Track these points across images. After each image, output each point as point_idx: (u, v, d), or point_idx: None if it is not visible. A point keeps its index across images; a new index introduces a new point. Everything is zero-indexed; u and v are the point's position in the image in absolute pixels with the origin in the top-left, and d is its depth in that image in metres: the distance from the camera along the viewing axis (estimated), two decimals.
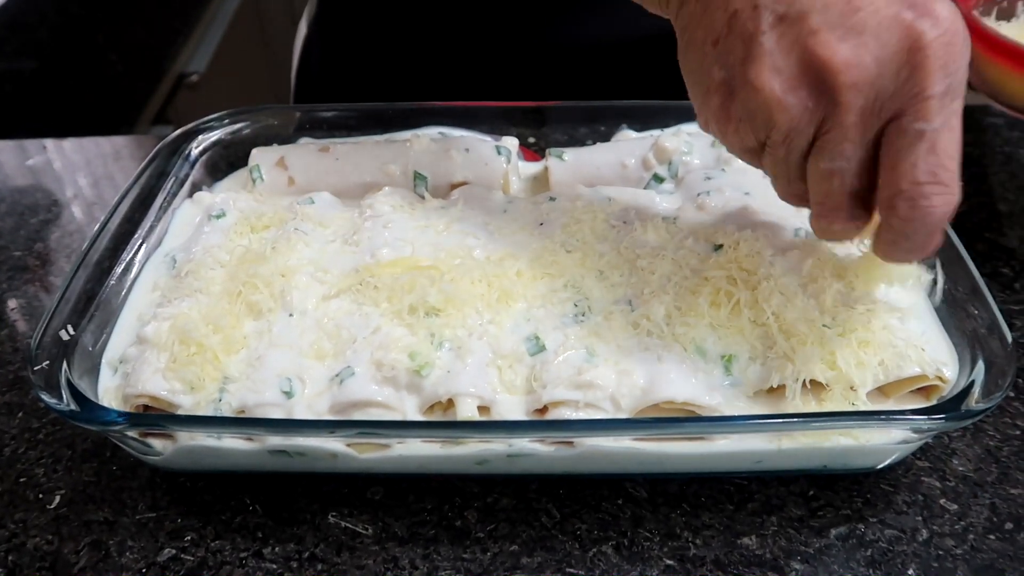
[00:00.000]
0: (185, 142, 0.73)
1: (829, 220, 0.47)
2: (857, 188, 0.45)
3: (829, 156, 0.44)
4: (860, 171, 0.44)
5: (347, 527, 0.54)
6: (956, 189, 0.43)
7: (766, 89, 0.43)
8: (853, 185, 0.45)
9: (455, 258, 0.60)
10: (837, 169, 0.44)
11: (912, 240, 0.45)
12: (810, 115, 0.44)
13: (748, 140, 0.47)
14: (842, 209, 0.46)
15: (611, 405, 0.52)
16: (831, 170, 0.45)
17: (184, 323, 0.55)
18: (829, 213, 0.47)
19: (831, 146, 0.44)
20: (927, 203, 0.42)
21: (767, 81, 0.43)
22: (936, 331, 0.56)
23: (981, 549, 0.53)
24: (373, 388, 0.52)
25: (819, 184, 0.46)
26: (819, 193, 0.46)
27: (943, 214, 0.43)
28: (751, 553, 0.53)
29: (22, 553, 0.53)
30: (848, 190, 0.45)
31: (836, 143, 0.44)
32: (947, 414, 0.48)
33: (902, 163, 0.42)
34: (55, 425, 0.61)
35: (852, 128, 0.43)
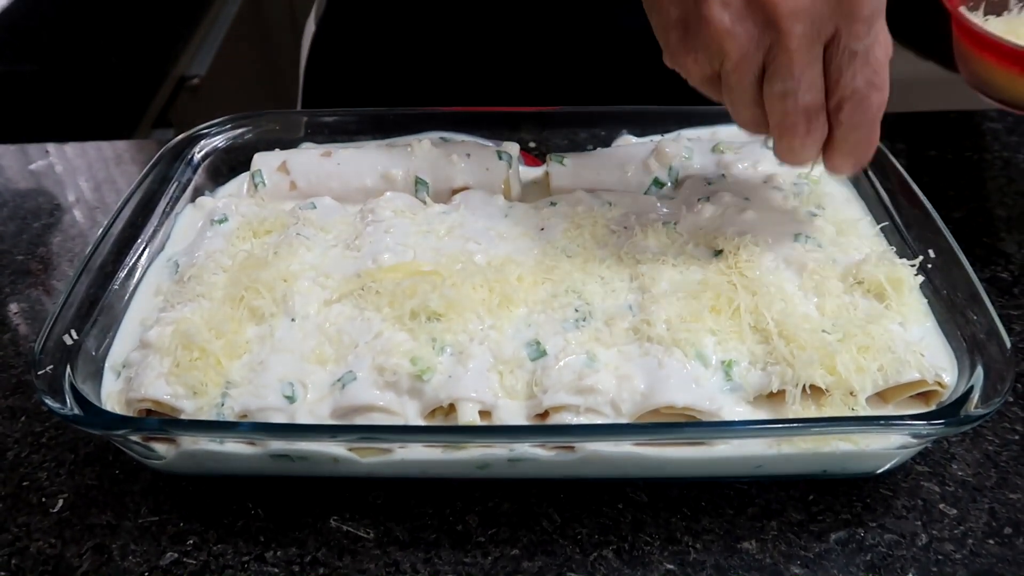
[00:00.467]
0: (187, 147, 0.74)
1: (790, 137, 0.53)
2: (809, 103, 0.51)
3: (780, 79, 0.51)
4: (809, 88, 0.51)
5: (349, 531, 0.55)
6: (887, 88, 0.52)
7: (716, 21, 0.50)
8: (805, 102, 0.51)
9: (456, 263, 0.60)
10: (789, 89, 0.51)
11: (857, 135, 0.53)
12: (757, 43, 0.50)
13: (705, 69, 0.53)
14: (799, 124, 0.52)
15: (612, 410, 0.53)
16: (784, 91, 0.51)
17: (187, 328, 0.55)
18: (788, 130, 0.53)
19: (781, 70, 0.50)
20: (867, 102, 0.51)
21: (717, 15, 0.49)
22: (935, 336, 0.57)
23: (980, 554, 0.53)
24: (375, 393, 0.53)
25: (776, 105, 0.52)
26: (777, 113, 0.52)
27: (879, 108, 0.52)
28: (751, 558, 0.53)
29: (25, 557, 0.54)
30: (801, 106, 0.51)
31: (784, 66, 0.50)
32: (946, 419, 0.48)
33: (844, 76, 0.51)
34: (58, 429, 0.62)
35: (796, 52, 0.50)
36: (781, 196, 0.67)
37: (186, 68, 1.91)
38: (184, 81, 1.88)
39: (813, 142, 0.54)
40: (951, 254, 0.60)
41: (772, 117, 0.53)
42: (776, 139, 0.54)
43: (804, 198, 0.67)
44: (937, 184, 0.84)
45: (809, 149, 0.54)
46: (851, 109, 0.52)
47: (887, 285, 0.57)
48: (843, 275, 0.59)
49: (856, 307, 0.57)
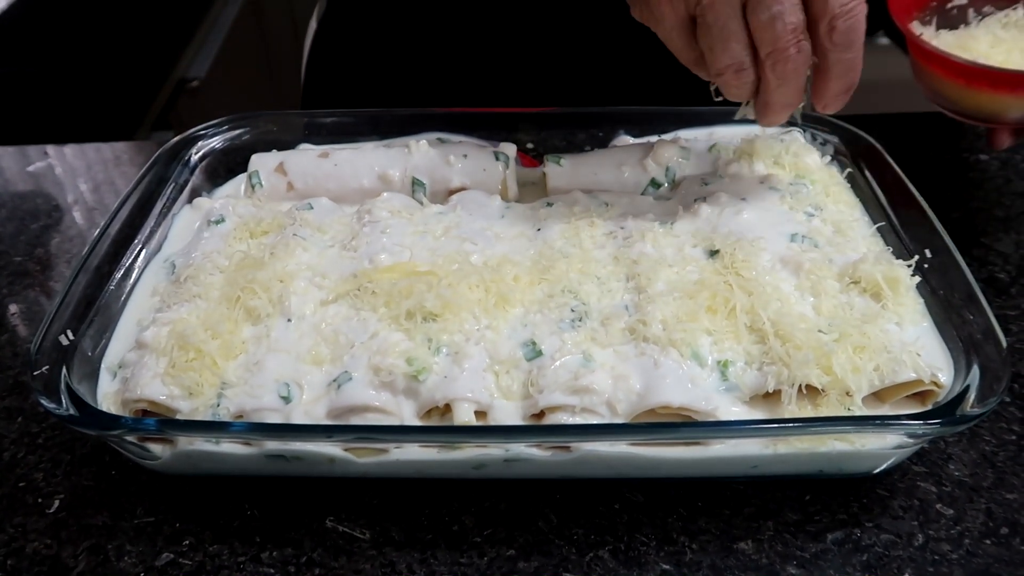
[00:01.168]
0: (185, 148, 0.74)
1: (783, 63, 0.54)
2: (797, 24, 0.53)
3: (765, 5, 0.52)
4: (794, 8, 0.52)
5: (344, 532, 0.55)
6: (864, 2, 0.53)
7: None
8: (792, 23, 0.53)
9: (453, 263, 0.60)
10: (776, 13, 0.52)
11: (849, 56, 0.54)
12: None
13: (680, 10, 0.54)
14: (790, 47, 0.53)
15: (607, 410, 0.52)
16: (771, 16, 0.52)
17: (183, 328, 0.55)
18: (781, 55, 0.54)
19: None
20: (856, 12, 0.53)
21: None
22: (932, 336, 0.57)
23: (977, 554, 0.53)
24: (371, 393, 0.53)
25: (765, 32, 0.53)
26: (768, 41, 0.53)
27: (864, 16, 0.53)
28: (747, 558, 0.53)
29: (21, 557, 0.54)
30: (790, 28, 0.53)
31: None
32: (943, 419, 0.48)
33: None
34: (55, 430, 0.62)
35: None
36: (778, 197, 0.67)
37: (186, 70, 1.91)
38: (184, 83, 1.88)
39: (804, 65, 0.54)
40: (948, 254, 0.60)
41: (764, 45, 0.53)
42: (769, 70, 0.54)
43: (801, 199, 0.67)
44: (934, 185, 0.84)
45: (801, 75, 0.55)
46: (844, 26, 0.52)
47: (884, 284, 0.57)
48: (840, 275, 0.59)
49: (852, 307, 0.57)
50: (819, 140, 0.74)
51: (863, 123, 0.74)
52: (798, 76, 0.55)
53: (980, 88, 0.69)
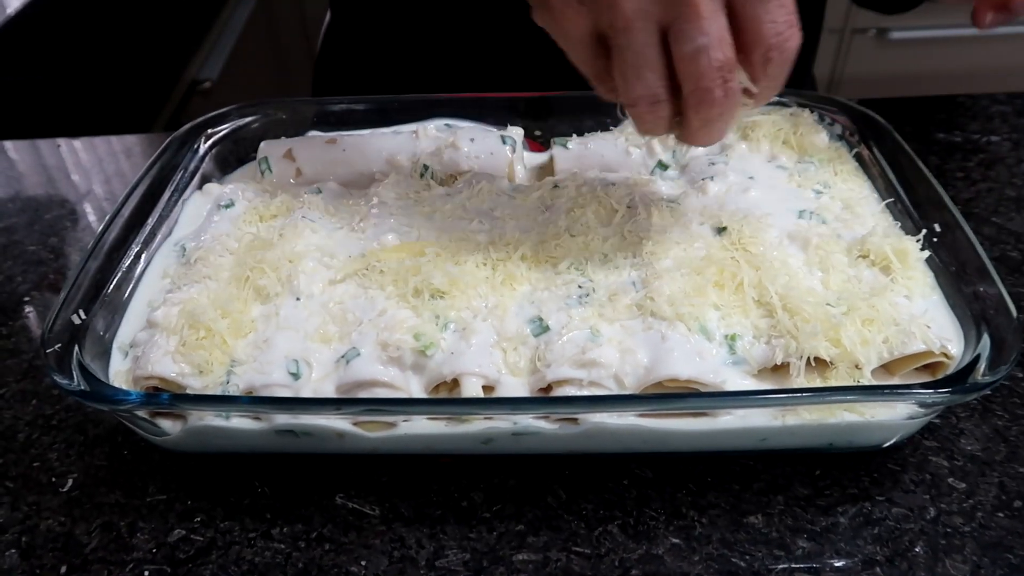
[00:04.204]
0: (195, 136, 0.74)
1: (708, 105, 0.47)
2: (722, 61, 0.46)
3: (689, 37, 0.45)
4: (720, 43, 0.46)
5: (354, 508, 0.55)
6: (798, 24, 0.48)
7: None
8: (718, 60, 0.46)
9: (460, 242, 0.60)
10: (701, 47, 0.45)
11: (781, 77, 0.49)
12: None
13: (586, 24, 0.47)
14: (716, 86, 0.47)
15: (615, 384, 0.52)
16: (695, 49, 0.45)
17: (193, 308, 0.56)
18: (706, 96, 0.47)
19: (688, 26, 0.45)
20: (791, 45, 0.47)
21: None
22: (941, 309, 0.56)
23: (989, 527, 0.52)
24: (379, 368, 0.53)
25: (688, 67, 0.46)
26: (691, 77, 0.47)
27: (797, 46, 0.48)
28: (757, 532, 0.53)
29: (35, 535, 0.54)
30: (716, 65, 0.46)
31: (691, 21, 0.45)
32: (953, 387, 0.48)
33: (763, 23, 0.46)
34: (68, 411, 0.62)
35: (700, 3, 0.45)
36: (785, 175, 0.67)
37: (198, 72, 1.93)
38: (196, 85, 1.90)
39: (731, 108, 0.48)
40: (959, 229, 0.59)
41: (685, 83, 0.47)
42: (691, 110, 0.48)
43: (809, 177, 0.67)
44: (946, 166, 0.84)
45: (727, 119, 0.49)
46: (779, 55, 0.47)
47: (893, 257, 0.56)
48: (848, 250, 0.59)
49: (861, 280, 0.57)
50: (827, 120, 0.74)
51: (873, 106, 0.74)
52: (723, 120, 0.49)
53: None
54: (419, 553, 0.52)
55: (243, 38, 2.07)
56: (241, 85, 2.02)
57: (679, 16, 0.45)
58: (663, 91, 0.48)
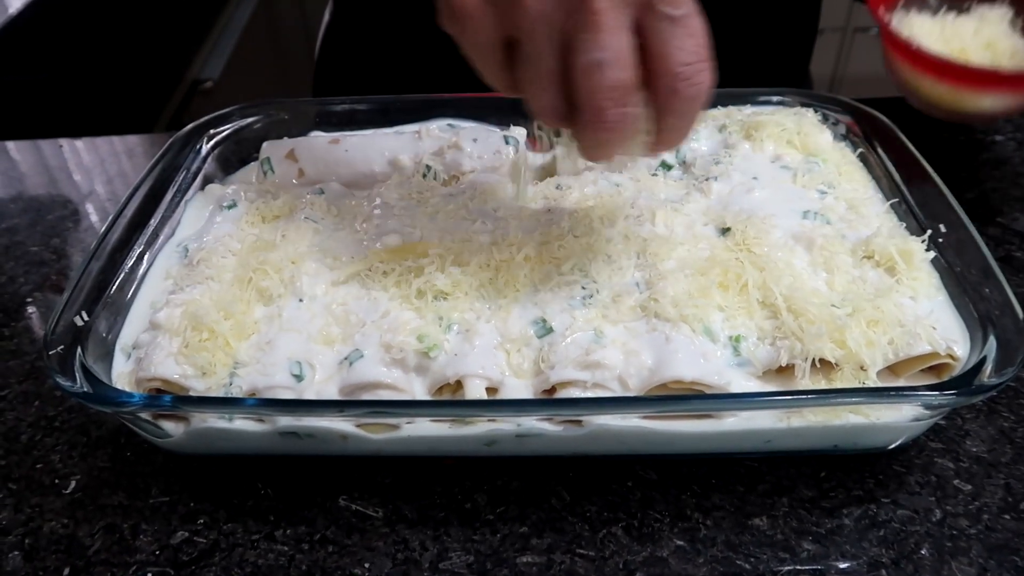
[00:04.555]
0: (197, 136, 0.74)
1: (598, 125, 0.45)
2: (619, 81, 0.44)
3: (586, 49, 0.43)
4: (621, 62, 0.43)
5: (357, 510, 0.55)
6: (711, 62, 0.45)
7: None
8: (615, 79, 0.43)
9: (463, 243, 0.60)
10: (597, 61, 0.43)
11: (689, 115, 0.46)
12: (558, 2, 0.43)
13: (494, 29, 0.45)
14: (609, 106, 0.44)
15: (619, 385, 0.52)
16: (590, 64, 0.43)
17: (196, 309, 0.56)
18: (597, 115, 0.45)
19: (588, 37, 0.43)
20: (701, 79, 0.44)
21: None
22: (947, 310, 0.56)
23: (996, 529, 0.52)
24: (382, 370, 0.53)
25: (585, 81, 0.44)
26: (584, 92, 0.44)
27: (709, 86, 0.45)
28: (762, 534, 0.52)
29: (38, 536, 0.54)
30: (610, 83, 0.43)
31: (591, 32, 0.43)
32: (959, 389, 0.48)
33: (670, 49, 0.44)
34: (71, 413, 0.62)
35: (603, 14, 0.42)
36: (789, 175, 0.67)
37: (199, 72, 1.93)
38: (197, 84, 1.90)
39: (623, 130, 0.45)
40: (964, 230, 0.59)
41: (581, 95, 0.44)
42: (584, 127, 0.46)
43: (813, 177, 0.66)
44: (949, 166, 0.83)
45: (618, 141, 0.46)
46: (687, 87, 0.44)
47: (898, 257, 0.56)
48: (853, 250, 0.59)
49: (866, 282, 0.57)
50: (831, 120, 0.74)
51: (877, 105, 0.74)
52: (614, 144, 0.46)
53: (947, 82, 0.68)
54: (422, 555, 0.52)
55: (244, 38, 2.07)
56: (242, 85, 2.01)
57: (579, 25, 0.43)
58: (563, 105, 0.46)
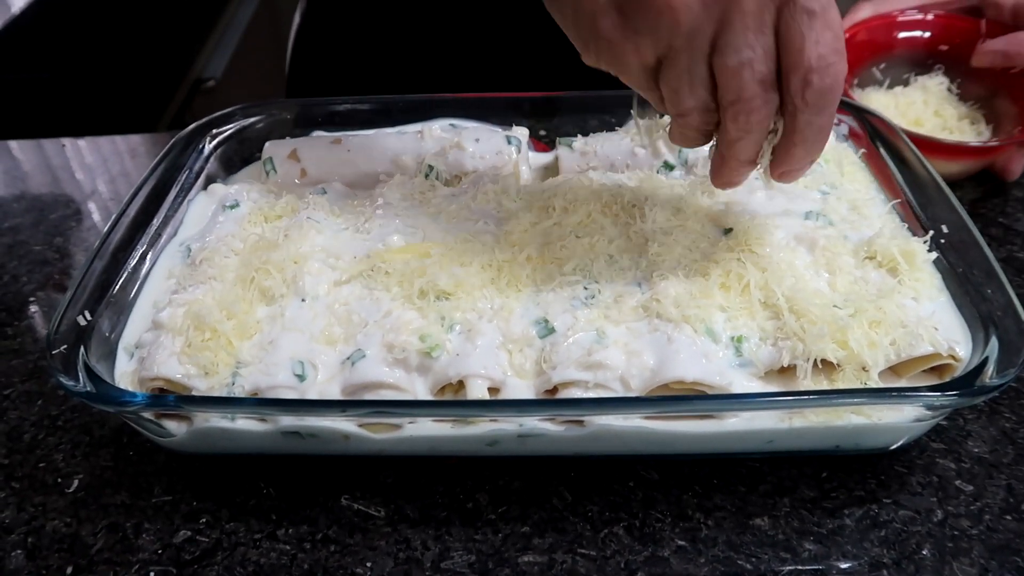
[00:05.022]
0: (200, 136, 0.74)
1: (746, 116, 0.47)
2: (765, 75, 0.46)
3: (735, 49, 0.45)
4: (766, 57, 0.46)
5: (359, 509, 0.55)
6: (846, 55, 0.47)
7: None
8: (762, 73, 0.46)
9: (465, 243, 0.60)
10: (746, 60, 0.45)
11: (823, 107, 0.47)
12: (708, 10, 0.45)
13: (648, 56, 0.47)
14: (755, 99, 0.47)
15: (621, 386, 0.52)
16: (740, 63, 0.46)
17: (198, 309, 0.56)
18: (746, 105, 0.47)
19: (735, 39, 0.45)
20: (836, 69, 0.46)
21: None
22: (949, 311, 0.56)
23: (997, 530, 0.52)
24: (384, 370, 0.53)
25: (730, 81, 0.46)
26: (732, 91, 0.47)
27: (843, 78, 0.47)
28: (763, 534, 0.53)
29: (41, 535, 0.54)
30: (758, 79, 0.46)
31: (739, 34, 0.45)
32: (961, 390, 0.48)
33: (807, 43, 0.45)
34: (74, 412, 0.62)
35: (751, 16, 0.45)
36: None
37: (202, 71, 1.93)
38: (200, 84, 1.90)
39: (767, 118, 0.48)
40: (966, 231, 0.59)
41: (727, 94, 0.47)
42: (731, 120, 0.48)
43: (815, 177, 0.66)
44: None
45: (763, 128, 0.48)
46: (820, 84, 0.46)
47: (900, 258, 0.56)
48: (855, 251, 0.59)
49: (868, 282, 0.57)
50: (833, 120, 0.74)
51: None
52: (761, 129, 0.49)
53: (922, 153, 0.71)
54: (424, 555, 0.52)
55: (246, 37, 2.07)
56: (244, 84, 2.02)
57: (728, 27, 0.45)
58: (712, 102, 0.48)
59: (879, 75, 0.84)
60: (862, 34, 0.83)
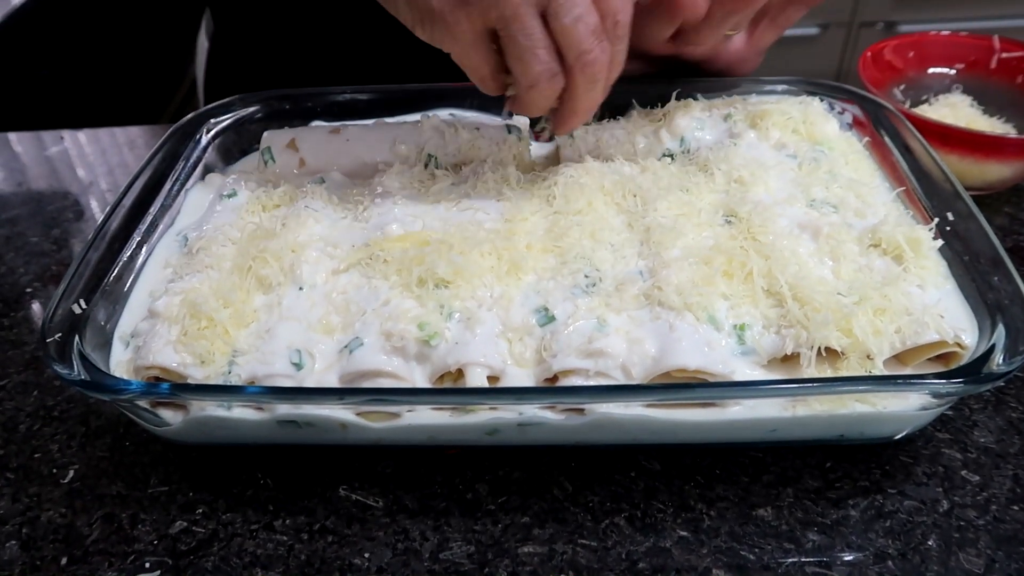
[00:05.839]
0: (197, 126, 0.74)
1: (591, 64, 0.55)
2: (595, 24, 0.54)
3: (567, 9, 0.53)
4: (590, 10, 0.53)
5: (357, 500, 0.54)
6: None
7: None
8: (592, 23, 0.54)
9: (465, 231, 0.59)
10: (578, 16, 0.53)
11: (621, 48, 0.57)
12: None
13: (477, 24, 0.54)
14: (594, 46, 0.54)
15: (622, 374, 0.52)
16: (574, 19, 0.53)
17: (195, 297, 0.55)
18: (588, 56, 0.54)
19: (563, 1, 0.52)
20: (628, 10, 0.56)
21: None
22: (955, 298, 0.55)
23: (1004, 520, 0.51)
24: (382, 358, 0.52)
25: (570, 37, 0.54)
26: (573, 45, 0.54)
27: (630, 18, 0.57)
28: (766, 524, 0.52)
29: (36, 526, 0.54)
30: (591, 29, 0.54)
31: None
32: (966, 377, 0.47)
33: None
34: (69, 403, 0.62)
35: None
36: (795, 163, 0.66)
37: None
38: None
39: (607, 64, 0.55)
40: (972, 219, 0.58)
41: (569, 51, 0.54)
42: (579, 73, 0.55)
43: (819, 165, 0.66)
44: None
45: (606, 74, 0.56)
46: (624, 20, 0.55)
47: (905, 245, 0.55)
48: (859, 239, 0.58)
49: (872, 270, 0.56)
50: (837, 109, 0.73)
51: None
52: (604, 76, 0.56)
53: (953, 151, 0.73)
54: (423, 545, 0.52)
55: None
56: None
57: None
58: (557, 64, 0.55)
59: (900, 95, 0.84)
60: (883, 56, 0.84)
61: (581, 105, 0.58)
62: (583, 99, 0.57)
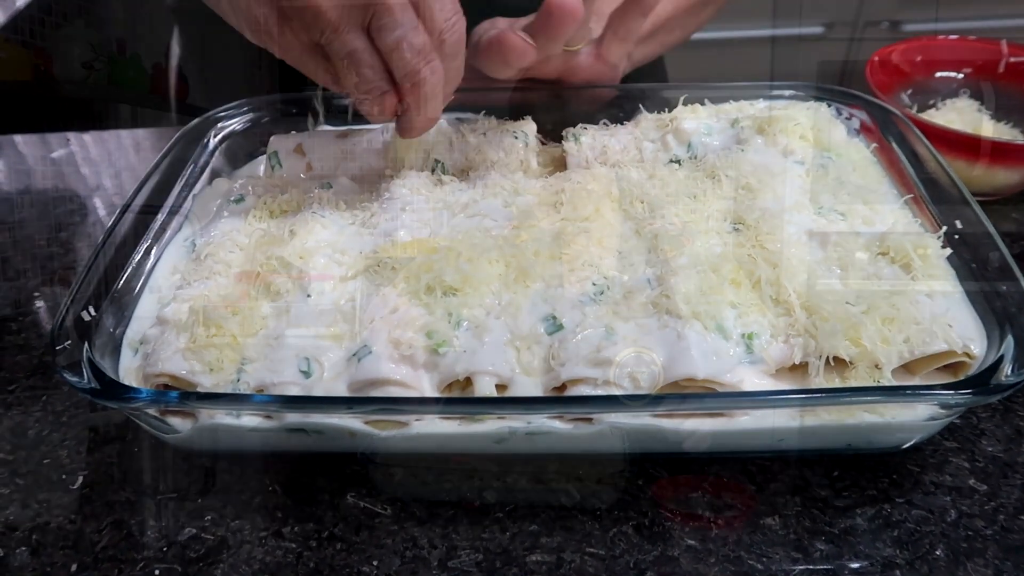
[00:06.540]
0: (205, 130, 0.74)
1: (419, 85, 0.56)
2: (421, 44, 0.55)
3: (389, 29, 0.54)
4: (415, 31, 0.54)
5: (366, 507, 0.54)
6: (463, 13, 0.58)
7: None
8: (417, 44, 0.55)
9: (473, 238, 0.59)
10: (400, 37, 0.54)
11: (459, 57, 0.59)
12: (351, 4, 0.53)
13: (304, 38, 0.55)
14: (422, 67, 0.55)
15: (630, 383, 0.52)
16: (396, 40, 0.54)
17: (203, 304, 0.55)
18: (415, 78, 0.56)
19: (385, 19, 0.53)
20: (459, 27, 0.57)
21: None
22: (964, 308, 0.55)
23: (1012, 530, 0.51)
24: (390, 366, 0.52)
25: (394, 56, 0.55)
26: (399, 65, 0.55)
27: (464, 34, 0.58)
28: (774, 533, 0.52)
29: (45, 532, 0.54)
30: (417, 49, 0.55)
31: (387, 13, 0.53)
32: (975, 388, 0.47)
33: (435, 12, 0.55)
34: (78, 408, 0.62)
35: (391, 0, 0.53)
36: (803, 170, 0.66)
37: None
38: None
39: (439, 83, 0.57)
40: (980, 226, 0.58)
41: (396, 71, 0.55)
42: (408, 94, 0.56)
43: (827, 172, 0.65)
44: None
45: (439, 92, 0.57)
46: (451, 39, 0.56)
47: (913, 254, 0.55)
48: (867, 247, 0.58)
49: (881, 278, 0.56)
50: (844, 115, 0.73)
51: None
52: (436, 95, 0.57)
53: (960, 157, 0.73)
54: (431, 553, 0.52)
55: None
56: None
57: (375, 13, 0.53)
58: (384, 82, 0.56)
59: (907, 100, 0.84)
60: (891, 61, 0.85)
61: (417, 122, 0.60)
62: (418, 116, 0.59)
